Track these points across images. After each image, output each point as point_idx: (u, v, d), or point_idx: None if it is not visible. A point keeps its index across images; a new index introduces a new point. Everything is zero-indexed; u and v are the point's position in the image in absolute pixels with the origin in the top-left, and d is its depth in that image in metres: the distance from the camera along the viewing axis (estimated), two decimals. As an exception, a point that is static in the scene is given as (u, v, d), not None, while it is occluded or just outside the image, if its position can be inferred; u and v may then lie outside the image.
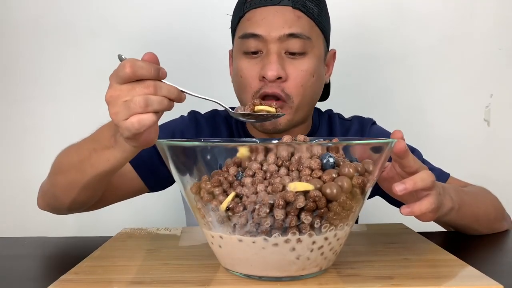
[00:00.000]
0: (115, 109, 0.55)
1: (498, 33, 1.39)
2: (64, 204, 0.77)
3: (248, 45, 0.83)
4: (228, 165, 0.52)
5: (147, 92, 0.54)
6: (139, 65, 0.55)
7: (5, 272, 0.65)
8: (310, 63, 0.83)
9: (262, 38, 0.82)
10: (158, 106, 0.54)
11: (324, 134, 0.96)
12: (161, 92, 0.55)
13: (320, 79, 0.87)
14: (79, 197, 0.74)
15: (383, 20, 1.39)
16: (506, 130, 1.42)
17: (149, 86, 0.54)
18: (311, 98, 0.87)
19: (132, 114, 0.54)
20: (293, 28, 0.81)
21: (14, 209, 1.41)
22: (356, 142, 0.54)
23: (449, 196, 0.67)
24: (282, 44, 0.81)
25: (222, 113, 0.98)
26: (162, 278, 0.54)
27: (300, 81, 0.82)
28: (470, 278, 0.54)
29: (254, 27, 0.82)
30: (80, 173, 0.70)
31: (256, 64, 0.83)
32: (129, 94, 0.54)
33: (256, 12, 0.83)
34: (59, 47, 1.39)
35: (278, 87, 0.82)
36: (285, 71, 0.81)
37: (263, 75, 0.81)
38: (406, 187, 0.55)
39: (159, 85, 0.55)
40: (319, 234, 0.50)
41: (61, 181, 0.75)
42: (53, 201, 0.79)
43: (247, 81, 0.84)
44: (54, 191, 0.77)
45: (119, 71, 0.55)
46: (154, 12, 1.39)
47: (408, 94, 1.42)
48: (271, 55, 0.81)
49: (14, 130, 1.41)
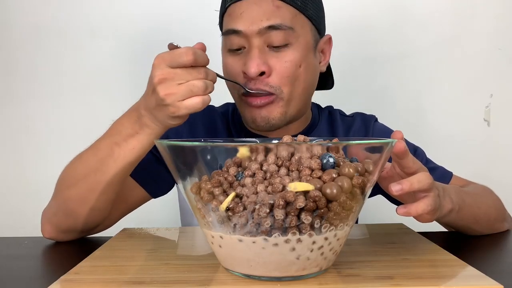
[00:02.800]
0: (170, 90, 0.63)
1: (498, 33, 1.39)
2: (79, 218, 0.75)
3: (231, 42, 0.81)
4: (228, 165, 0.52)
5: (201, 77, 0.64)
6: (199, 53, 0.63)
7: (5, 272, 0.65)
8: (294, 54, 0.80)
9: (242, 33, 0.79)
10: (211, 89, 0.65)
11: (325, 131, 0.94)
12: (209, 77, 0.65)
13: (311, 68, 0.84)
14: (97, 203, 0.73)
15: (384, 20, 1.39)
16: (506, 130, 1.42)
17: (203, 72, 0.64)
18: (303, 88, 0.83)
19: (193, 95, 0.63)
20: (272, 20, 0.78)
21: (14, 209, 1.41)
22: (356, 142, 0.54)
23: (449, 198, 0.67)
24: (262, 37, 0.78)
25: (218, 108, 0.97)
26: (162, 278, 0.54)
27: (285, 72, 0.79)
28: (470, 278, 0.54)
29: (234, 23, 0.80)
30: (101, 173, 0.71)
31: (239, 60, 0.81)
32: (184, 77, 0.63)
33: (235, 7, 0.81)
34: (59, 47, 1.39)
35: (261, 82, 0.79)
36: (268, 65, 0.79)
37: (245, 72, 0.79)
38: (402, 187, 0.55)
39: (208, 71, 0.65)
40: (319, 234, 0.50)
41: (75, 193, 0.74)
42: (66, 219, 0.77)
43: (231, 78, 0.82)
44: (66, 207, 0.76)
45: (178, 56, 0.63)
46: (154, 12, 1.39)
47: (408, 94, 1.42)
48: (252, 50, 0.79)
49: (14, 130, 1.41)
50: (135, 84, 0.57)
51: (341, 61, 0.95)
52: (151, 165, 0.86)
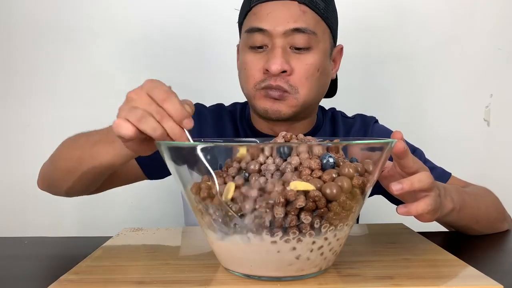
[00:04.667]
0: (123, 105, 0.56)
1: (498, 33, 1.39)
2: (61, 188, 0.80)
3: (254, 39, 0.83)
4: (228, 165, 0.52)
5: (153, 115, 0.53)
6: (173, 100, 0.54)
7: (5, 272, 0.65)
8: (315, 57, 0.83)
9: (268, 32, 0.81)
10: (149, 129, 0.53)
11: (327, 132, 0.96)
12: (165, 125, 0.53)
13: (326, 74, 0.87)
14: (75, 185, 0.77)
15: (384, 20, 1.39)
16: (506, 130, 1.42)
17: (160, 113, 0.53)
18: (317, 92, 0.86)
19: (123, 117, 0.54)
20: (298, 23, 0.81)
21: (14, 209, 1.41)
22: (356, 142, 0.54)
23: (450, 197, 0.67)
24: (287, 38, 0.81)
25: (227, 107, 0.99)
26: (162, 278, 0.54)
27: (304, 74, 0.82)
28: (470, 278, 0.54)
29: (259, 22, 0.82)
30: (79, 163, 0.73)
31: (261, 58, 0.83)
32: (142, 104, 0.54)
33: (262, 7, 0.83)
34: (59, 47, 1.39)
35: (282, 80, 0.81)
36: (289, 65, 0.81)
37: (267, 69, 0.81)
38: (403, 186, 0.56)
39: (167, 120, 0.54)
40: (319, 234, 0.50)
41: (61, 166, 0.78)
42: (52, 184, 0.82)
43: (250, 72, 0.84)
44: (53, 175, 0.80)
45: (160, 86, 0.55)
46: (154, 12, 1.39)
47: (408, 94, 1.42)
48: (275, 49, 0.81)
49: (15, 130, 1.41)
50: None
51: (342, 61, 0.95)
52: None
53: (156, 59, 1.39)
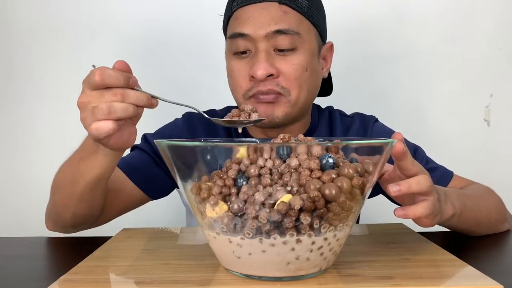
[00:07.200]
0: (83, 114, 0.58)
1: (498, 34, 1.39)
2: (66, 220, 0.77)
3: (237, 45, 0.82)
4: (228, 165, 0.52)
5: (114, 100, 0.56)
6: (108, 73, 0.56)
7: (5, 272, 0.65)
8: (301, 58, 0.81)
9: (249, 37, 0.80)
10: (122, 113, 0.56)
11: (324, 132, 0.94)
12: (128, 99, 0.57)
13: (315, 73, 0.85)
14: (77, 210, 0.74)
15: (384, 21, 1.39)
16: (506, 130, 1.42)
17: (117, 93, 0.56)
18: (308, 92, 0.84)
19: (95, 120, 0.56)
20: (280, 24, 0.79)
21: (14, 209, 1.42)
22: (355, 142, 0.54)
23: (451, 202, 0.67)
24: (270, 41, 0.80)
25: (220, 112, 0.97)
26: (162, 278, 0.54)
27: (293, 74, 0.81)
28: (470, 278, 0.54)
29: (240, 26, 0.81)
30: (73, 185, 0.70)
31: (245, 64, 0.82)
32: (97, 100, 0.56)
33: (242, 11, 0.82)
34: (59, 47, 1.39)
35: (272, 83, 0.80)
36: (275, 68, 0.80)
37: (252, 75, 0.80)
38: (400, 188, 0.55)
39: (127, 93, 0.57)
40: (318, 235, 0.50)
41: (59, 197, 0.75)
42: (57, 219, 0.79)
43: (237, 81, 0.83)
44: (55, 209, 0.78)
45: (89, 78, 0.57)
46: (154, 12, 1.39)
47: (408, 94, 1.42)
48: (259, 53, 0.80)
49: (14, 130, 1.41)
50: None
51: (340, 61, 0.95)
52: (150, 168, 0.86)
53: (156, 59, 1.39)
